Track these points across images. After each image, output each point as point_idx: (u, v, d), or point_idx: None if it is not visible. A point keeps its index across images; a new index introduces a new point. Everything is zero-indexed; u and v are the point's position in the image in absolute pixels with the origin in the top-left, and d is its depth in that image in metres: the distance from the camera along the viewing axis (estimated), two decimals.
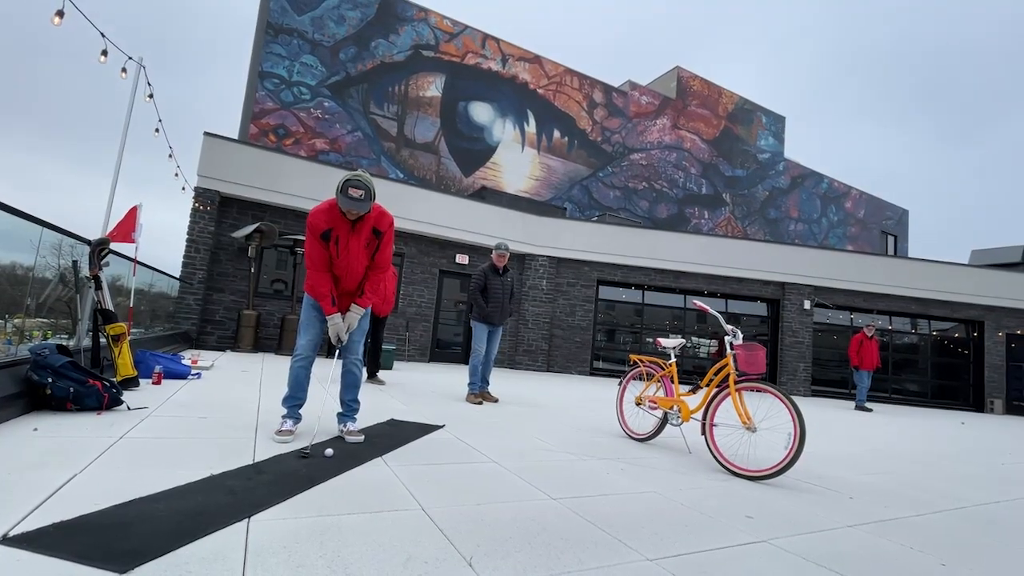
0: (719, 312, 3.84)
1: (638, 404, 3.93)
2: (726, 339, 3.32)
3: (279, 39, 13.31)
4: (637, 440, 3.86)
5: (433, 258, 11.06)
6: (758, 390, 3.09)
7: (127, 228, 5.64)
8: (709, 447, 3.21)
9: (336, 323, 2.96)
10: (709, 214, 20.47)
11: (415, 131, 15.00)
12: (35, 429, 2.53)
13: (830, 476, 3.29)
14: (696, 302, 3.93)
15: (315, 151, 13.51)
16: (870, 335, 9.90)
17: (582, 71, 18.17)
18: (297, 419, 2.97)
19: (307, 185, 9.47)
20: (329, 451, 2.60)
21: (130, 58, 6.19)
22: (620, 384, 4.26)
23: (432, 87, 15.35)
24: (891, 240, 25.60)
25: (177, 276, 8.66)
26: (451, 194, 12.17)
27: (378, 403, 4.45)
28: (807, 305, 12.48)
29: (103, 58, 5.70)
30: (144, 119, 7.17)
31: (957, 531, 2.38)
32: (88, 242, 4.13)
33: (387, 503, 1.97)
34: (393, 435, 3.20)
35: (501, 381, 7.62)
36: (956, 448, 5.45)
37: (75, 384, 2.98)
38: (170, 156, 8.59)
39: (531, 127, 16.90)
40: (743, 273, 12.38)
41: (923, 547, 2.10)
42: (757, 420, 3.04)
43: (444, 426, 3.65)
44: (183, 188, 9.50)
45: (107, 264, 4.17)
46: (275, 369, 6.39)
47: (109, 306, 4.05)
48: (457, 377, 7.60)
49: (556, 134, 17.36)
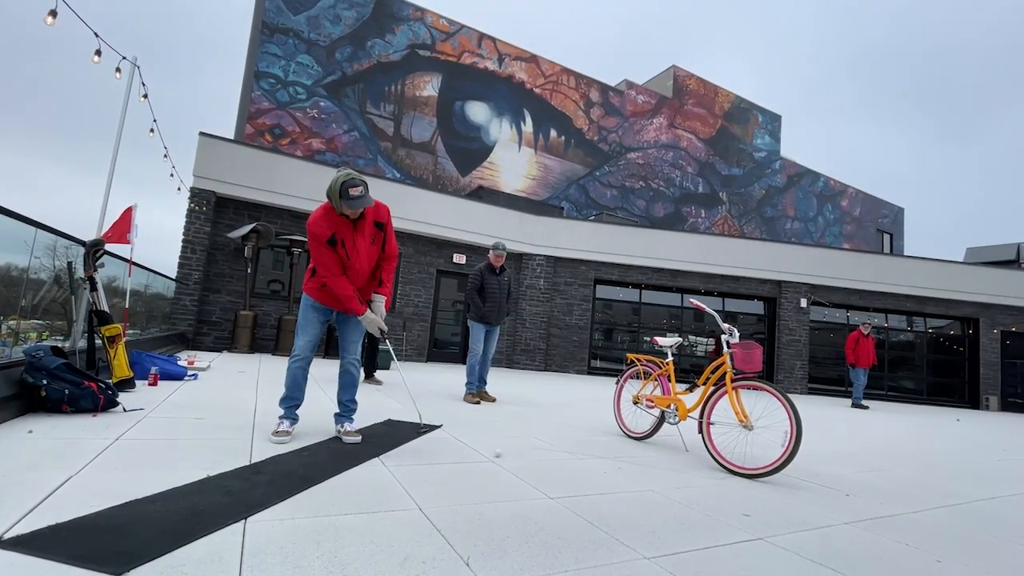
0: (716, 311, 3.85)
1: (635, 403, 3.93)
2: (723, 338, 3.32)
3: (275, 39, 13.27)
4: (634, 439, 3.87)
5: (430, 258, 11.05)
6: (755, 388, 3.10)
7: (122, 229, 5.62)
8: (706, 445, 3.22)
9: (371, 318, 2.99)
10: (706, 213, 20.51)
11: (412, 131, 14.98)
12: (30, 431, 2.52)
13: (826, 473, 3.30)
14: (693, 301, 3.94)
15: (311, 151, 13.48)
16: (866, 333, 9.94)
17: (579, 70, 18.18)
18: (294, 420, 2.95)
19: (303, 185, 9.45)
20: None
21: (124, 58, 6.15)
22: (617, 383, 4.26)
23: (428, 86, 15.33)
24: (887, 238, 25.71)
25: (173, 277, 8.63)
26: (448, 194, 12.16)
27: (375, 403, 4.45)
28: (804, 303, 12.53)
29: (97, 58, 5.67)
30: (139, 119, 7.14)
31: (953, 528, 2.40)
32: (83, 243, 4.11)
33: (384, 503, 1.97)
34: (390, 435, 3.20)
35: (499, 381, 7.62)
36: (952, 445, 5.48)
37: (70, 386, 2.97)
38: (165, 156, 8.55)
39: (528, 126, 16.90)
40: (740, 272, 12.42)
41: (919, 544, 2.11)
42: (754, 418, 3.05)
43: (442, 426, 3.65)
44: (179, 189, 9.46)
45: (102, 265, 4.15)
46: (272, 370, 6.38)
47: (104, 307, 4.03)
48: (455, 377, 7.60)
49: (553, 133, 17.36)
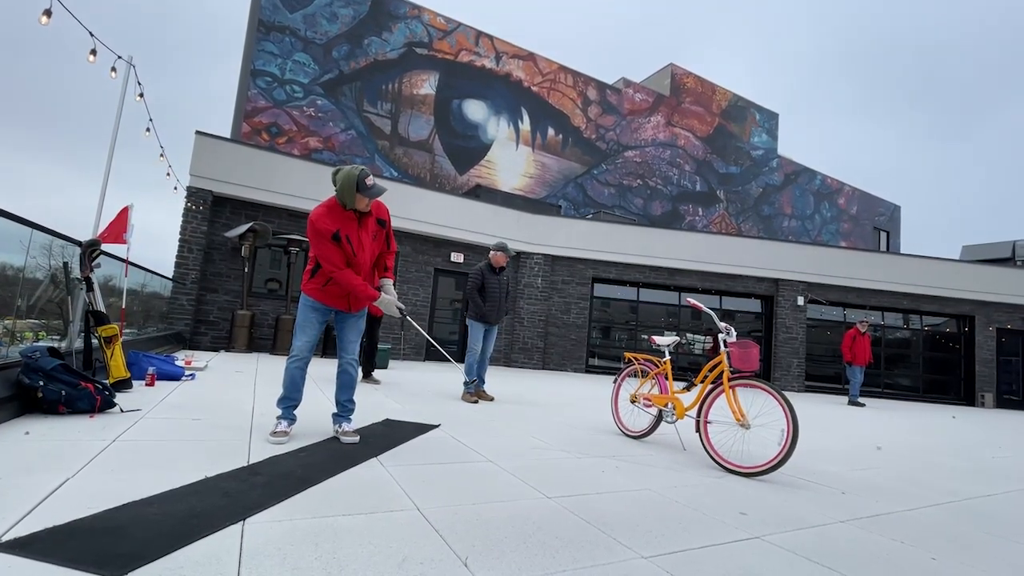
0: (713, 309, 3.86)
1: (633, 402, 3.94)
2: (720, 336, 3.33)
3: (271, 37, 13.22)
4: (632, 437, 3.88)
5: (428, 256, 11.04)
6: (752, 387, 3.11)
7: (118, 229, 5.60)
8: (703, 444, 3.23)
9: (387, 300, 3.02)
10: (703, 211, 20.54)
11: (409, 129, 14.95)
12: (27, 433, 2.51)
13: (823, 471, 3.32)
14: (690, 299, 3.95)
15: (308, 150, 13.44)
16: (863, 331, 9.97)
17: (576, 68, 18.16)
18: (292, 420, 2.95)
19: (301, 184, 9.42)
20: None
21: (119, 57, 6.12)
22: (615, 382, 4.27)
23: (426, 85, 15.29)
24: (883, 236, 25.78)
25: (170, 276, 8.60)
26: (446, 192, 12.15)
27: (373, 403, 4.45)
28: (800, 301, 12.56)
29: (92, 57, 5.64)
30: (135, 119, 7.10)
31: (948, 525, 2.41)
32: (79, 243, 4.09)
33: (382, 504, 1.97)
34: (388, 435, 3.20)
35: (497, 379, 7.62)
36: (947, 442, 5.51)
37: (67, 387, 2.96)
38: (161, 156, 8.51)
39: (525, 125, 16.88)
40: (737, 270, 12.45)
41: (914, 541, 2.12)
42: (751, 417, 3.06)
43: (440, 425, 3.65)
44: (175, 188, 9.42)
45: (98, 265, 4.14)
46: (270, 369, 6.37)
47: (101, 308, 4.02)
48: (453, 376, 7.61)
49: (550, 132, 17.35)
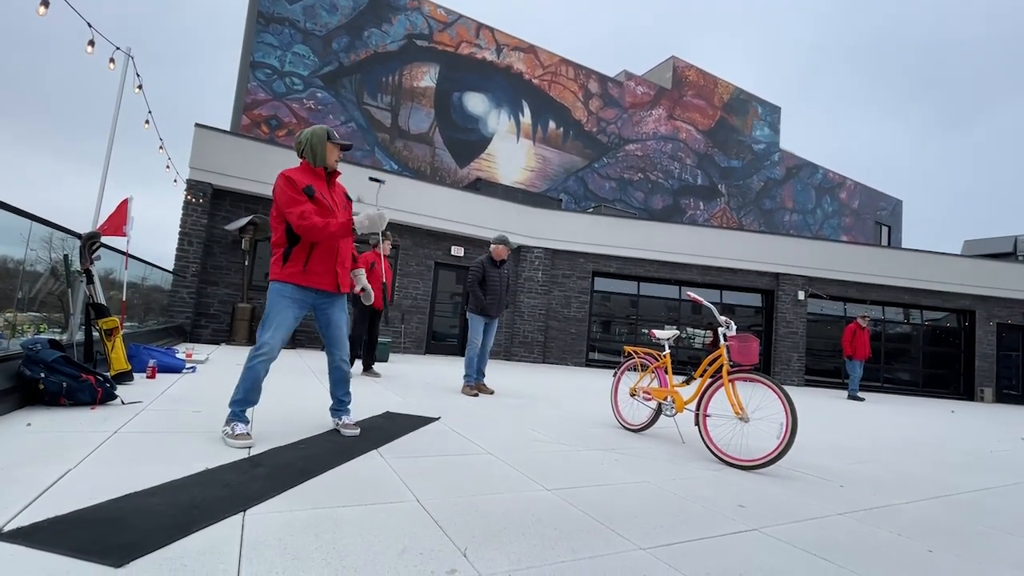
0: (713, 303, 3.86)
1: (632, 395, 3.95)
2: (720, 330, 3.33)
3: (270, 28, 13.13)
4: (631, 431, 3.89)
5: (428, 250, 11.03)
6: (751, 381, 3.12)
7: (118, 221, 5.59)
8: (702, 437, 3.24)
9: (367, 216, 2.78)
10: (704, 205, 20.48)
11: (409, 122, 14.89)
12: (28, 424, 2.52)
13: (821, 465, 3.33)
14: (690, 293, 3.95)
15: None
16: (864, 325, 9.96)
17: (577, 61, 18.05)
18: (247, 422, 2.65)
19: None
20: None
21: (118, 48, 6.09)
22: (615, 375, 4.28)
23: (426, 77, 15.21)
24: (885, 231, 25.73)
25: (170, 269, 8.60)
26: (446, 186, 12.11)
27: (374, 396, 4.46)
28: (801, 296, 12.56)
29: (90, 49, 5.61)
30: (133, 111, 7.07)
31: (945, 518, 2.42)
32: (79, 236, 4.09)
33: (382, 495, 1.98)
34: (388, 428, 3.21)
35: (497, 373, 7.64)
36: (946, 436, 5.52)
37: (68, 379, 2.97)
38: (161, 148, 8.49)
39: (526, 118, 16.81)
40: (738, 264, 12.43)
41: (912, 534, 2.13)
42: (750, 410, 3.07)
43: (440, 418, 3.66)
44: (175, 181, 9.40)
45: (98, 258, 4.14)
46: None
47: (101, 300, 4.02)
48: (453, 369, 7.62)
49: (551, 125, 17.27)
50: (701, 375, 3.46)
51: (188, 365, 5.04)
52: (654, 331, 4.03)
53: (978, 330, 13.15)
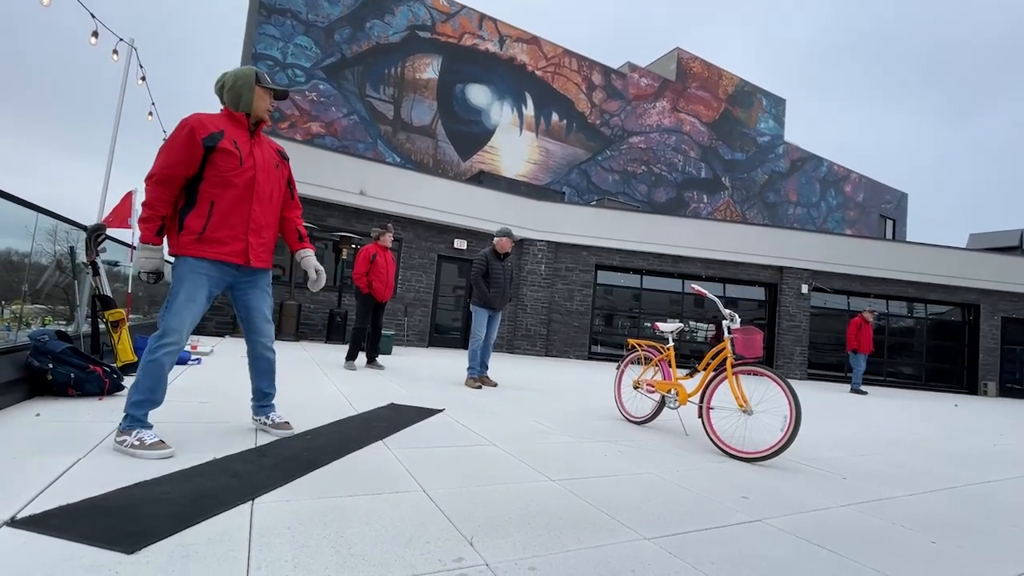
0: (717, 296, 3.86)
1: (636, 388, 3.96)
2: (724, 323, 3.33)
3: (272, 20, 13.07)
4: (634, 423, 3.91)
5: (431, 243, 11.03)
6: (755, 374, 3.12)
7: (123, 213, 5.61)
8: (706, 430, 3.25)
9: (307, 265, 2.52)
10: (708, 198, 20.39)
11: (411, 114, 14.83)
12: (38, 414, 2.55)
13: (824, 457, 3.34)
14: (694, 286, 3.94)
15: (311, 135, 13.36)
16: (869, 320, 9.93)
17: (581, 52, 17.92)
18: (152, 426, 2.17)
19: (303, 169, 9.38)
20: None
21: (121, 39, 6.08)
22: (618, 368, 4.29)
23: (429, 69, 15.13)
24: (890, 224, 25.59)
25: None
26: (449, 178, 12.09)
27: (378, 387, 4.48)
28: (805, 289, 12.53)
29: (94, 40, 5.60)
30: (137, 103, 7.07)
31: (948, 510, 2.43)
32: (84, 228, 4.11)
33: (388, 485, 2.00)
34: (393, 419, 3.23)
35: (500, 366, 7.66)
36: (949, 430, 5.53)
37: (76, 370, 3.00)
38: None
39: (529, 110, 16.72)
40: (741, 257, 12.39)
41: (914, 526, 2.14)
42: (754, 403, 3.08)
43: (444, 410, 3.68)
44: None
45: (104, 250, 4.15)
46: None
47: (107, 292, 4.04)
48: (456, 362, 7.65)
49: (554, 117, 17.18)
50: (705, 368, 3.47)
51: (193, 357, 5.07)
52: (658, 324, 4.04)
53: (982, 324, 13.10)
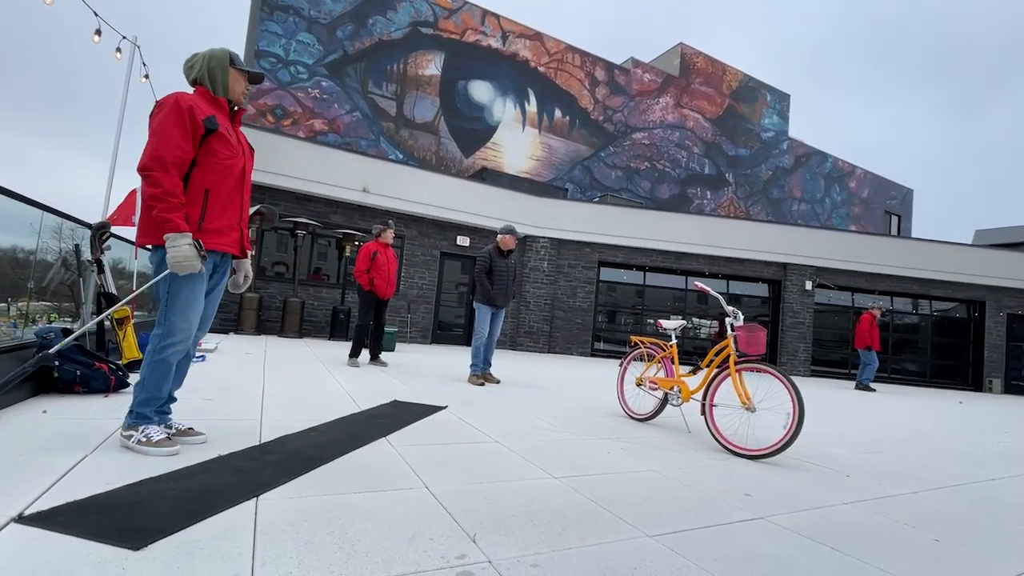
0: (720, 293, 3.85)
1: (639, 385, 3.96)
2: (727, 320, 3.33)
3: (274, 17, 13.05)
4: (637, 420, 3.91)
5: (434, 240, 11.03)
6: (758, 371, 3.12)
7: (127, 211, 5.63)
8: (709, 427, 3.25)
9: (245, 267, 2.37)
10: (711, 195, 20.31)
11: (414, 111, 14.81)
12: (44, 411, 2.57)
13: (828, 455, 3.33)
14: (697, 283, 3.94)
15: (313, 132, 13.36)
16: (880, 316, 9.83)
17: (584, 48, 17.84)
18: (159, 423, 2.21)
19: (306, 167, 9.40)
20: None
21: (124, 37, 6.08)
22: (621, 365, 4.29)
23: (431, 66, 15.09)
24: (895, 220, 25.43)
25: None
26: (451, 175, 12.07)
27: (381, 384, 4.50)
28: (808, 286, 12.48)
29: (97, 38, 5.61)
30: (141, 101, 7.08)
31: (952, 508, 2.43)
32: (89, 226, 4.13)
33: (391, 482, 2.01)
34: (396, 416, 3.24)
35: (502, 363, 7.67)
36: (953, 427, 5.51)
37: (82, 367, 3.02)
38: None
39: (532, 106, 16.67)
40: (745, 254, 12.35)
41: (918, 523, 2.14)
42: (757, 400, 3.07)
43: (447, 407, 3.69)
44: None
45: (108, 248, 4.17)
46: (279, 351, 6.44)
47: (112, 290, 4.06)
48: (459, 359, 7.66)
49: (557, 113, 17.12)
50: (708, 365, 3.46)
51: (197, 354, 5.09)
52: (661, 321, 4.03)
53: (988, 320, 13.03)
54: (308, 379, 4.44)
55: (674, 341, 3.90)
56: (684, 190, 19.64)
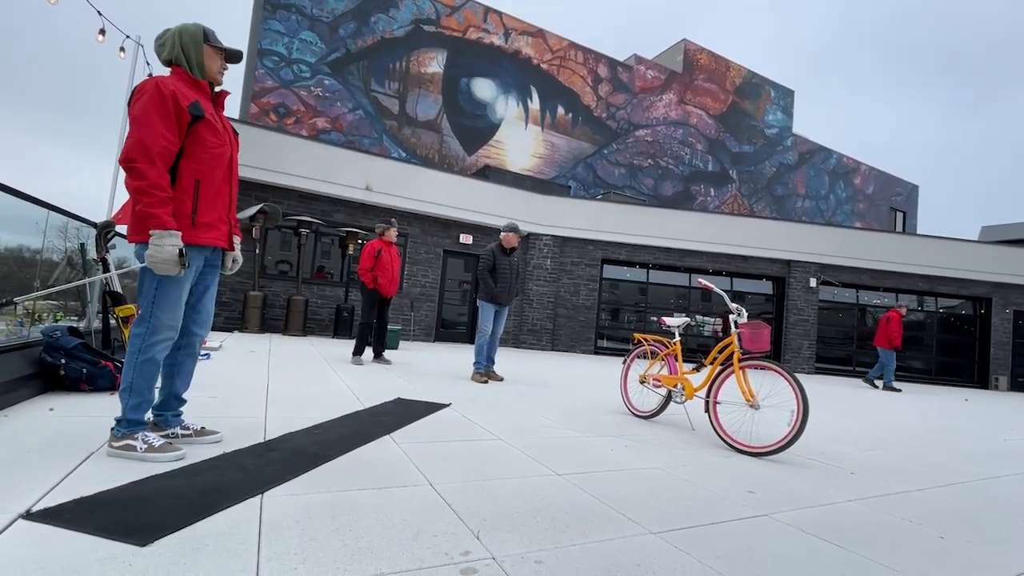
0: (724, 291, 3.84)
1: (642, 382, 3.96)
2: (731, 317, 3.32)
3: (277, 15, 13.06)
4: (641, 418, 3.91)
5: (437, 238, 11.04)
6: (762, 368, 3.11)
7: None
8: (712, 424, 3.25)
9: (238, 259, 2.31)
10: (715, 192, 20.24)
11: (417, 109, 14.80)
12: (51, 409, 2.59)
13: (832, 452, 3.32)
14: (701, 280, 3.92)
15: (316, 130, 13.38)
16: (904, 315, 9.74)
17: (586, 45, 17.78)
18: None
19: (310, 165, 9.41)
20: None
21: (128, 36, 6.10)
22: (624, 363, 4.29)
23: (434, 63, 15.08)
24: (900, 216, 25.29)
25: None
26: (454, 173, 12.07)
27: (385, 382, 4.51)
28: (813, 283, 12.42)
29: (101, 37, 5.63)
30: None
31: (957, 505, 2.42)
32: (94, 225, 4.15)
33: (396, 479, 2.02)
34: (400, 413, 3.25)
35: (506, 360, 7.68)
36: (958, 424, 5.48)
37: (88, 365, 3.04)
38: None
39: (534, 104, 16.64)
40: (749, 251, 12.30)
41: (923, 521, 2.13)
42: (760, 398, 3.07)
43: (450, 404, 3.70)
44: None
45: (113, 247, 4.19)
46: (283, 349, 6.47)
47: (117, 288, 4.08)
48: (462, 356, 7.67)
49: (560, 110, 17.09)
50: (712, 362, 3.46)
51: (202, 352, 5.12)
52: (664, 318, 4.02)
53: (994, 318, 12.94)
54: (312, 377, 4.45)
55: (677, 338, 3.89)
56: (688, 187, 19.58)
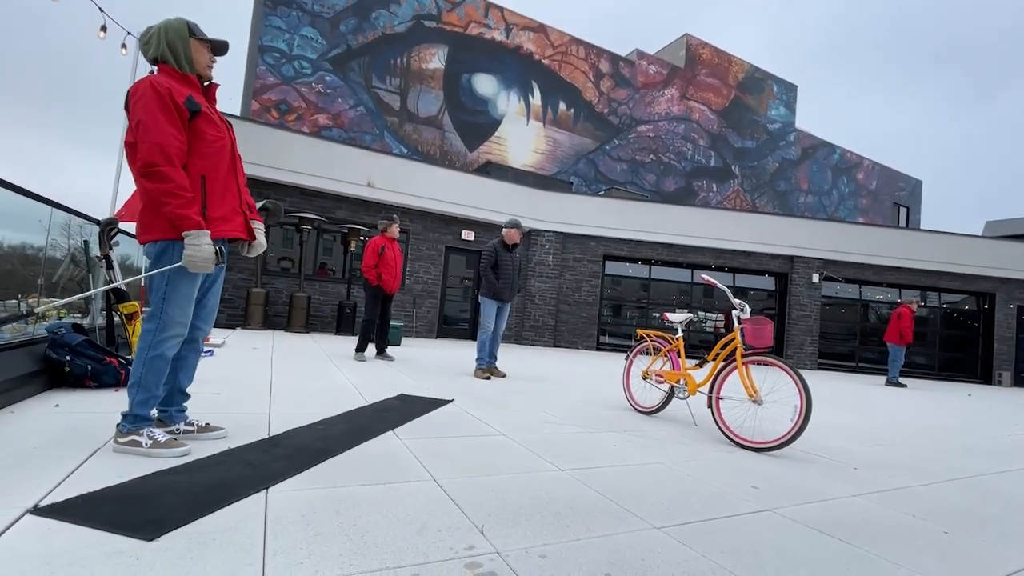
0: (726, 286, 3.83)
1: (644, 378, 3.96)
2: (733, 313, 3.32)
3: (277, 11, 13.03)
4: (643, 413, 3.91)
5: (438, 234, 11.03)
6: (765, 363, 3.11)
7: (135, 207, 5.66)
8: (715, 420, 3.25)
9: (261, 244, 2.32)
10: (717, 187, 20.18)
11: (418, 105, 14.77)
12: (57, 405, 2.60)
13: (835, 447, 3.32)
14: (703, 276, 3.92)
15: (318, 127, 13.37)
16: (915, 310, 9.71)
17: (588, 40, 17.70)
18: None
19: (311, 162, 9.41)
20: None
21: (129, 33, 6.10)
22: (627, 359, 4.29)
23: (435, 59, 15.03)
24: (903, 212, 25.19)
25: None
26: (456, 169, 12.05)
27: (388, 378, 4.52)
28: (815, 279, 12.40)
29: (102, 34, 5.62)
30: None
31: (961, 501, 2.41)
32: (97, 222, 4.16)
33: (399, 475, 2.02)
34: (403, 409, 3.26)
35: (508, 356, 7.69)
36: (962, 420, 5.47)
37: (92, 362, 3.05)
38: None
39: (536, 99, 16.59)
40: (751, 247, 12.28)
41: (927, 516, 2.13)
42: (763, 393, 3.06)
43: (453, 400, 3.71)
44: None
45: (117, 244, 4.20)
46: (286, 346, 6.49)
47: (121, 285, 4.09)
48: (465, 353, 7.68)
49: (562, 106, 17.03)
50: (714, 358, 3.45)
51: (206, 349, 5.13)
52: (667, 314, 4.02)
53: (998, 313, 12.90)
54: (315, 373, 4.47)
55: (680, 334, 3.89)
56: (690, 183, 19.53)
